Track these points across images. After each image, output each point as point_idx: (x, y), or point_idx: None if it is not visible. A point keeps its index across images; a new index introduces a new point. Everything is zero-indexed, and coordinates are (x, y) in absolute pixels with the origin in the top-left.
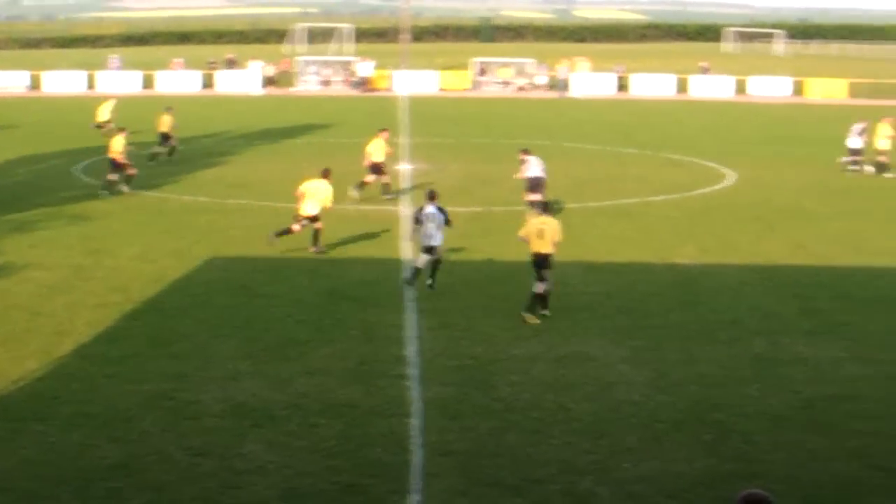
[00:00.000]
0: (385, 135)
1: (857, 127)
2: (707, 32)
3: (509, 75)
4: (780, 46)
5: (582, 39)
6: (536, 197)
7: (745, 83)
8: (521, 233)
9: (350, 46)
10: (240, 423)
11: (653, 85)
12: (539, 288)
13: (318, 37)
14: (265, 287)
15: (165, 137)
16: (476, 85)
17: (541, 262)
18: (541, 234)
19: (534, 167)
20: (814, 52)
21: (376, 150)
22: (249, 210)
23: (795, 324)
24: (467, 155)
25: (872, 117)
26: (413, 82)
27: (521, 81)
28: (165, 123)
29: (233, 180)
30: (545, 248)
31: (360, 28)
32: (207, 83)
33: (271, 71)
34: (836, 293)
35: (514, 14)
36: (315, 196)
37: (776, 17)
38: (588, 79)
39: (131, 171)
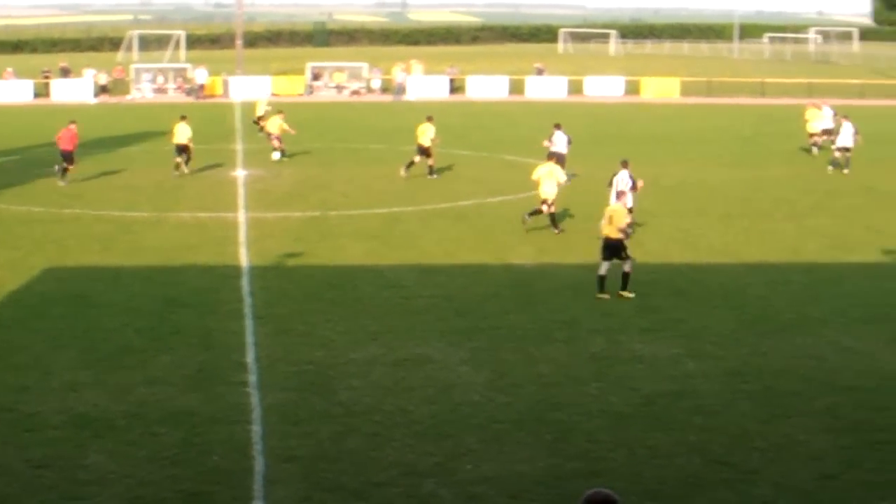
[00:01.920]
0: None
1: (847, 125)
2: (541, 34)
3: (343, 80)
4: (613, 46)
5: (416, 42)
6: None
7: (580, 83)
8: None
9: (184, 53)
10: (81, 434)
11: (488, 87)
12: (626, 267)
13: (153, 44)
14: (102, 296)
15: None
16: (310, 90)
17: (610, 246)
18: (609, 220)
19: (559, 142)
20: (647, 52)
21: (423, 134)
22: (84, 220)
23: (632, 322)
24: (301, 160)
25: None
26: (247, 88)
27: (356, 85)
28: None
29: (67, 190)
30: (613, 232)
31: (194, 35)
32: (41, 92)
33: (104, 79)
34: (671, 290)
35: (348, 18)
36: (549, 178)
37: (608, 17)
38: (423, 81)
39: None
